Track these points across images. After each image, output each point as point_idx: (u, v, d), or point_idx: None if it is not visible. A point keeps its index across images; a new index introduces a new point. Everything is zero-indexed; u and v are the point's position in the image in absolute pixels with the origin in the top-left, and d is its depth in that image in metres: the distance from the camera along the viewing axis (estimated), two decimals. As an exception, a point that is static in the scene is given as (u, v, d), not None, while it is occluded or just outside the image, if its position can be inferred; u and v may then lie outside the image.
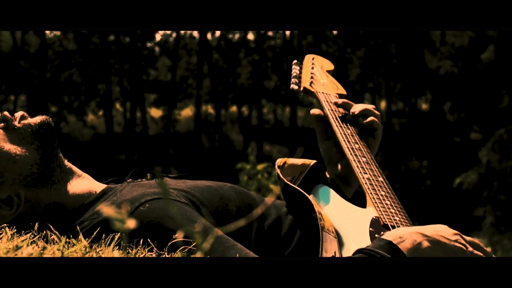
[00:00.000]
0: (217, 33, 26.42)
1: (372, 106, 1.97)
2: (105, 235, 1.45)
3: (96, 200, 1.62)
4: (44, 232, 1.46)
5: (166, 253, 1.42)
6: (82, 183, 1.67)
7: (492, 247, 12.61)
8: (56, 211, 1.60)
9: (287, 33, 25.92)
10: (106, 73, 24.97)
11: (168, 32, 26.43)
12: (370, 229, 1.61)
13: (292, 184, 1.72)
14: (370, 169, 1.78)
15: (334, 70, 2.18)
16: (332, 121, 1.93)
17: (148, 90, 26.33)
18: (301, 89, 2.06)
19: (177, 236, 1.42)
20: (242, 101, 26.75)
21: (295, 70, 2.10)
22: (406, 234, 1.47)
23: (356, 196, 1.90)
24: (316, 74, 2.10)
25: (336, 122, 1.92)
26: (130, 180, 1.75)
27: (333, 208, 1.69)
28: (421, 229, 1.50)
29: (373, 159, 1.83)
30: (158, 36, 27.23)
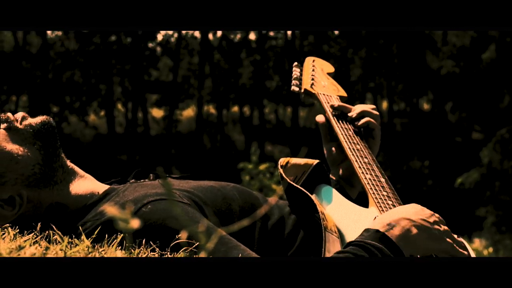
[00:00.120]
0: (219, 33, 26.45)
1: (371, 106, 1.97)
2: (108, 236, 1.44)
3: (99, 201, 1.61)
4: (47, 232, 1.46)
5: (169, 254, 1.41)
6: (85, 184, 1.67)
7: (494, 247, 12.59)
8: (58, 212, 1.60)
9: (289, 33, 25.93)
10: (108, 74, 24.99)
11: (170, 33, 26.45)
12: (373, 229, 1.61)
13: (295, 184, 1.72)
14: (372, 170, 1.78)
15: (336, 70, 2.19)
16: (334, 123, 1.93)
17: (150, 91, 26.35)
18: (302, 91, 2.06)
19: (181, 236, 1.42)
20: (244, 101, 26.76)
21: (296, 72, 2.10)
22: (393, 221, 1.51)
23: (359, 197, 1.90)
24: (317, 76, 2.10)
25: (338, 124, 1.93)
26: (133, 181, 1.75)
27: (336, 208, 1.70)
28: (405, 214, 1.54)
29: (375, 160, 1.83)
30: (160, 37, 27.25)
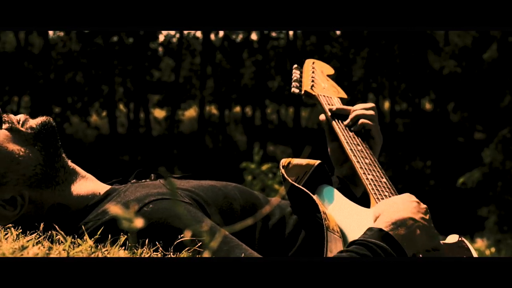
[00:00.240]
0: (221, 34, 26.45)
1: (367, 105, 1.96)
2: (110, 236, 1.45)
3: (100, 201, 1.61)
4: (50, 233, 1.46)
5: (172, 253, 1.42)
6: (86, 184, 1.67)
7: (496, 247, 12.59)
8: (60, 212, 1.60)
9: (291, 34, 25.93)
10: (110, 74, 25.00)
11: (172, 33, 26.46)
12: (375, 229, 1.61)
13: (297, 184, 1.72)
14: (373, 170, 1.79)
15: (338, 70, 2.19)
16: (334, 125, 1.93)
17: (152, 91, 26.35)
18: (302, 93, 2.06)
19: (185, 236, 1.42)
20: (246, 102, 26.75)
21: (296, 74, 2.11)
22: (398, 221, 1.53)
23: (362, 196, 1.90)
24: (317, 78, 2.10)
25: (338, 125, 1.93)
26: (134, 181, 1.75)
27: (338, 208, 1.70)
28: (406, 212, 1.55)
29: (376, 161, 1.84)
30: (162, 37, 27.27)
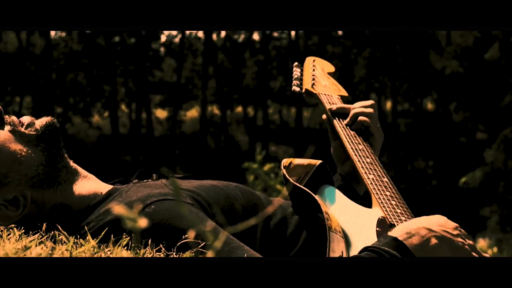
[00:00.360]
0: (222, 34, 26.45)
1: (366, 103, 1.95)
2: (112, 236, 1.45)
3: (102, 201, 1.61)
4: (52, 233, 1.47)
5: (174, 254, 1.42)
6: (88, 184, 1.67)
7: (498, 246, 12.57)
8: (62, 212, 1.60)
9: (293, 34, 25.92)
10: (112, 74, 25.01)
11: (174, 33, 26.46)
12: (377, 229, 1.61)
13: (299, 184, 1.72)
14: (375, 170, 1.78)
15: (340, 70, 2.19)
16: (335, 124, 1.93)
17: (154, 91, 26.36)
18: (303, 91, 2.06)
19: (189, 236, 1.41)
20: (248, 102, 26.76)
21: (296, 72, 2.10)
22: (413, 230, 1.48)
23: (365, 195, 1.90)
24: (318, 76, 2.09)
25: (339, 124, 1.92)
26: (136, 181, 1.75)
27: (339, 208, 1.70)
28: (427, 223, 1.50)
29: (377, 160, 1.83)
30: (163, 37, 27.27)
